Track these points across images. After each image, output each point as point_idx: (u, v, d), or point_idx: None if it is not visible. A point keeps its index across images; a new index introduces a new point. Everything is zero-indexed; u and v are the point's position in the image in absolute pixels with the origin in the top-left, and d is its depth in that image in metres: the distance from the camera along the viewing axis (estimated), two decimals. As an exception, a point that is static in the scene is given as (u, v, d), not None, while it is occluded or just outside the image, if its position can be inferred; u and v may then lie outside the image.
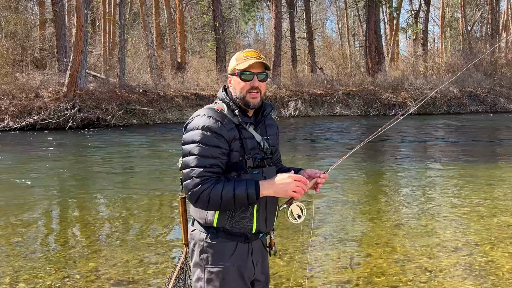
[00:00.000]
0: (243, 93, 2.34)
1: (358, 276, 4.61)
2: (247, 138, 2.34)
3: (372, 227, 6.31)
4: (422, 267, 4.77)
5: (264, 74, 2.37)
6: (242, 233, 2.32)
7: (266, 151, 2.39)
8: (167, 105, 24.75)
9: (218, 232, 2.31)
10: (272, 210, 2.42)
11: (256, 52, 2.40)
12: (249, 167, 2.30)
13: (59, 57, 26.00)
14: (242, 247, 2.34)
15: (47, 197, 8.59)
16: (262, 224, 2.36)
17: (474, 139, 16.82)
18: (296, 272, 4.69)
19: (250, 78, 2.33)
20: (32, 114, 20.77)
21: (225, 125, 2.27)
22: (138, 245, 5.65)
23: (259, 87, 2.35)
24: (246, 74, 2.33)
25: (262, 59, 2.36)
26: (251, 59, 2.33)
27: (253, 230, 2.33)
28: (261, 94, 2.37)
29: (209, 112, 2.30)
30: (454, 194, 8.21)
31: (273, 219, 2.46)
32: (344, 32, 48.56)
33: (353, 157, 12.42)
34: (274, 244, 2.49)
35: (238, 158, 2.30)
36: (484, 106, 29.89)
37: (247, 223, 2.31)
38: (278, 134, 2.60)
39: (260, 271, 2.44)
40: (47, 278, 4.65)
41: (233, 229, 2.30)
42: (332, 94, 29.01)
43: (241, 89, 2.35)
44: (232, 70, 2.39)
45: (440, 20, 43.70)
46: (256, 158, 2.34)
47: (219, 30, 30.21)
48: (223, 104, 2.39)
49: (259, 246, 2.44)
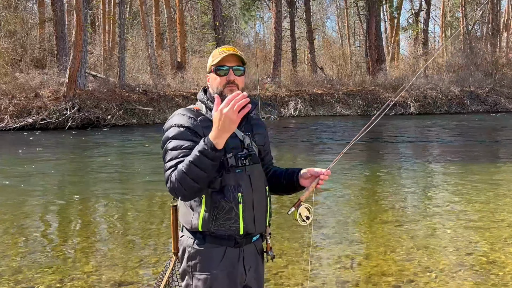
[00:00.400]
0: (220, 88, 2.30)
1: (359, 276, 4.61)
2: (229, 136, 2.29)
3: (372, 227, 6.31)
4: (423, 267, 4.77)
5: (240, 69, 2.32)
6: (229, 236, 2.22)
7: (249, 147, 2.31)
8: (167, 105, 24.74)
9: (205, 237, 2.24)
10: (261, 209, 2.31)
11: (232, 47, 2.35)
12: (231, 165, 2.23)
13: (58, 56, 25.99)
14: (231, 252, 2.25)
15: (46, 197, 8.58)
16: (250, 224, 2.25)
17: (475, 139, 16.81)
18: (297, 273, 4.68)
19: (226, 72, 2.29)
20: (32, 114, 20.76)
21: (200, 122, 2.24)
22: (138, 245, 5.64)
23: (235, 81, 2.30)
24: (221, 69, 2.29)
25: (237, 52, 2.32)
26: (225, 52, 2.30)
27: (240, 231, 2.23)
28: (238, 88, 2.30)
29: (184, 111, 2.29)
30: (455, 194, 8.21)
31: (263, 220, 2.34)
32: (344, 32, 48.56)
33: (354, 157, 12.42)
34: (271, 249, 2.38)
35: None
36: (484, 106, 29.87)
37: (233, 224, 2.21)
38: (266, 134, 2.52)
39: (253, 277, 2.34)
40: (45, 278, 4.64)
41: (219, 232, 2.21)
42: (332, 93, 29.01)
43: (218, 84, 2.30)
44: (209, 68, 2.36)
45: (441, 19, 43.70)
46: (238, 156, 2.26)
47: (219, 29, 30.20)
48: (201, 104, 2.36)
49: (253, 251, 2.34)
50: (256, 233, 2.32)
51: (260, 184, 2.33)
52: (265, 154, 2.52)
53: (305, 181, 2.42)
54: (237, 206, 2.22)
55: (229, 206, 2.21)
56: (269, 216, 2.39)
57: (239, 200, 2.22)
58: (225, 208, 2.20)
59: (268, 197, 2.38)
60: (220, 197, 2.20)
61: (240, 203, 2.22)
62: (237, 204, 2.22)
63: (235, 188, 2.22)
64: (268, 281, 4.49)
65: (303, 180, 2.43)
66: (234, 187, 2.21)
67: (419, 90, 29.05)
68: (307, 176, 2.42)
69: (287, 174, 2.49)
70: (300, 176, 2.44)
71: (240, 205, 2.22)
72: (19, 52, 27.96)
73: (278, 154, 13.50)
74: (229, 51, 2.31)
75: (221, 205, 2.20)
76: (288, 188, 2.50)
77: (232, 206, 2.21)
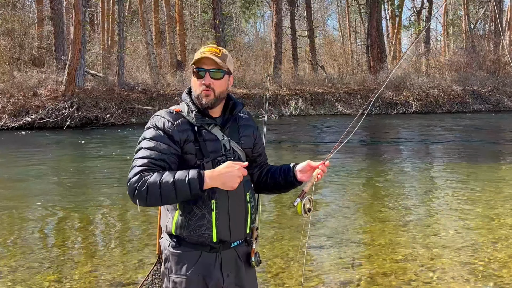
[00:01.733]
0: (198, 91, 2.23)
1: (360, 276, 4.61)
2: (208, 140, 2.22)
3: (374, 227, 6.31)
4: (425, 267, 4.77)
5: (219, 72, 2.22)
6: (201, 243, 2.18)
7: (227, 152, 2.25)
8: (167, 104, 24.66)
9: (180, 241, 2.21)
10: (238, 216, 2.24)
11: (216, 48, 2.25)
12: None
13: (57, 55, 25.99)
14: (207, 257, 2.21)
15: (44, 197, 8.58)
16: (224, 232, 2.19)
17: (477, 139, 16.80)
18: (297, 273, 4.68)
19: (202, 75, 2.22)
20: (30, 113, 20.75)
21: (177, 126, 2.19)
22: (137, 246, 5.64)
23: (211, 85, 2.21)
24: (200, 71, 2.23)
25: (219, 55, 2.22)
26: (204, 54, 2.21)
27: (213, 239, 2.18)
28: (215, 93, 2.22)
29: (163, 113, 2.25)
30: (457, 194, 8.20)
31: (242, 227, 2.27)
32: (345, 30, 48.53)
33: (354, 157, 12.42)
34: (255, 254, 2.32)
35: (195, 162, 2.18)
36: (487, 105, 29.83)
37: (205, 231, 2.16)
38: (256, 135, 2.44)
39: (234, 282, 2.27)
40: (44, 279, 4.64)
41: (191, 238, 2.18)
42: (333, 92, 28.98)
43: (196, 87, 2.25)
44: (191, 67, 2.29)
45: (443, 17, 43.63)
46: (216, 161, 2.19)
47: (219, 28, 30.18)
48: (184, 105, 2.29)
49: (233, 256, 2.28)
50: (233, 240, 2.26)
51: (239, 190, 2.21)
52: (257, 156, 2.47)
53: (304, 175, 2.39)
54: (209, 213, 2.17)
55: (201, 212, 2.16)
56: (250, 223, 2.32)
57: (212, 207, 2.17)
58: (197, 214, 2.16)
59: (248, 204, 2.30)
60: (193, 203, 2.15)
61: (213, 210, 2.17)
62: (210, 212, 2.17)
63: (208, 195, 2.15)
64: (268, 282, 4.49)
65: (301, 175, 2.39)
66: (208, 194, 2.15)
67: (421, 89, 29.02)
68: (306, 169, 2.39)
69: (282, 172, 2.44)
70: (297, 171, 2.40)
71: (213, 212, 2.17)
72: (17, 51, 27.93)
73: (279, 154, 13.51)
74: (209, 52, 2.22)
75: (193, 211, 2.16)
76: (285, 185, 2.45)
77: (204, 213, 2.16)
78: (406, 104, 28.20)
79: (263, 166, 2.52)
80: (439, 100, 28.99)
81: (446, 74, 32.62)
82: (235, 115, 2.35)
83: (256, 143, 2.44)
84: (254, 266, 2.34)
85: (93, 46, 31.50)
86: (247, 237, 2.34)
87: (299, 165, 2.41)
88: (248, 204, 2.29)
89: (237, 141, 2.32)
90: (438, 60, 36.63)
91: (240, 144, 2.33)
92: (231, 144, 2.28)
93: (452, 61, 35.11)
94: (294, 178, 2.41)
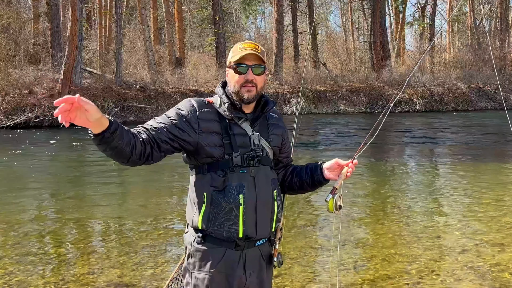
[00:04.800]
0: (237, 87, 2.27)
1: (363, 278, 4.61)
2: (237, 134, 2.26)
3: (377, 228, 6.31)
4: (429, 270, 4.77)
5: (260, 67, 2.29)
6: (228, 238, 2.21)
7: (257, 148, 2.28)
8: (165, 102, 24.71)
9: (205, 236, 2.23)
10: (265, 213, 2.28)
11: (254, 43, 2.32)
12: (236, 165, 2.22)
13: (53, 52, 25.99)
14: (232, 254, 2.24)
15: (40, 197, 8.59)
16: (251, 228, 2.23)
17: (483, 138, 16.80)
18: (300, 275, 4.69)
19: (244, 71, 2.26)
20: (26, 111, 20.75)
21: (200, 114, 2.24)
22: (135, 247, 5.65)
23: (254, 80, 2.26)
24: (241, 66, 2.27)
25: (259, 51, 2.28)
26: (245, 50, 2.26)
27: (239, 234, 2.21)
28: (257, 88, 2.28)
29: (193, 99, 2.31)
30: (462, 195, 8.20)
31: (267, 225, 2.30)
32: (348, 27, 48.47)
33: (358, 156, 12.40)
34: (278, 255, 2.37)
35: (222, 155, 2.22)
36: (493, 103, 29.82)
37: (231, 226, 2.20)
38: (285, 135, 2.50)
39: (255, 282, 2.30)
40: (40, 280, 4.65)
41: (217, 232, 2.21)
42: (335, 90, 28.98)
43: (235, 82, 2.28)
44: (228, 63, 2.34)
45: (448, 14, 43.59)
46: (245, 156, 2.24)
47: (219, 24, 30.19)
48: (217, 97, 2.34)
49: (256, 255, 2.31)
50: (258, 237, 2.29)
51: (267, 187, 2.29)
52: (284, 156, 2.52)
53: (331, 173, 2.46)
54: (237, 208, 2.20)
55: (229, 207, 2.19)
56: (276, 221, 2.35)
57: (240, 202, 2.20)
58: (224, 208, 2.19)
59: (275, 201, 2.34)
60: (221, 196, 2.19)
61: (241, 205, 2.20)
62: (238, 206, 2.20)
63: (237, 189, 2.20)
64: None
65: (328, 173, 2.46)
66: (236, 188, 2.20)
67: (425, 87, 29.02)
68: (334, 167, 2.45)
69: (308, 170, 2.50)
70: (324, 169, 2.46)
71: (241, 207, 2.20)
72: (13, 48, 27.91)
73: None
74: (250, 48, 2.27)
75: (221, 205, 2.20)
76: (312, 184, 2.51)
77: (232, 207, 2.19)
78: (410, 102, 28.20)
79: (287, 166, 2.57)
80: (443, 98, 29.00)
81: (451, 71, 32.61)
82: (266, 112, 2.39)
83: (284, 143, 2.50)
84: (276, 266, 2.38)
85: (90, 43, 31.49)
86: (270, 236, 2.37)
87: (327, 163, 2.48)
88: (275, 202, 2.34)
89: (266, 138, 2.36)
90: (442, 57, 36.59)
91: (269, 141, 2.37)
92: (260, 141, 2.32)
93: (457, 58, 35.10)
94: (322, 176, 2.47)
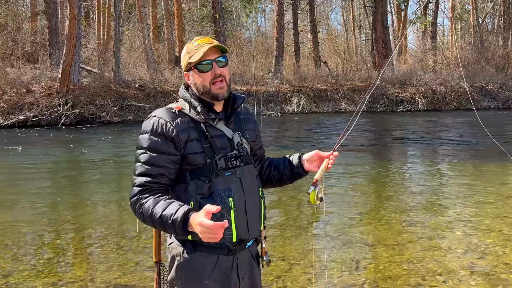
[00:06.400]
0: (206, 86, 2.18)
1: (365, 279, 4.60)
2: (215, 136, 2.19)
3: (379, 228, 6.30)
4: (431, 270, 4.76)
5: (223, 59, 2.20)
6: (222, 244, 2.13)
7: (239, 147, 2.23)
8: (165, 101, 24.69)
9: (196, 246, 2.16)
10: (254, 213, 2.24)
11: (206, 37, 2.24)
12: (221, 168, 2.15)
13: (51, 50, 25.98)
14: (225, 261, 2.18)
15: (38, 197, 8.58)
16: (243, 231, 2.19)
17: (485, 137, 16.78)
18: (300, 277, 4.68)
19: (209, 68, 2.17)
20: (23, 110, 20.75)
21: (176, 126, 2.13)
22: (134, 247, 5.64)
23: (222, 74, 2.18)
24: (203, 64, 2.17)
25: (215, 42, 2.20)
26: (204, 46, 2.16)
27: (233, 238, 2.16)
28: (226, 81, 2.19)
29: (161, 113, 2.18)
30: (465, 194, 8.20)
31: (257, 225, 2.27)
32: (349, 25, 48.46)
33: (359, 156, 12.41)
34: (266, 254, 2.34)
35: (204, 160, 2.14)
36: (496, 102, 29.78)
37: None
38: (257, 129, 2.45)
39: (248, 284, 2.28)
40: (38, 282, 4.64)
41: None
42: (337, 89, 28.96)
43: (202, 82, 2.18)
44: (186, 66, 2.23)
45: (450, 12, 43.55)
46: (228, 157, 2.19)
47: (219, 22, 30.17)
48: (184, 102, 2.24)
49: (247, 257, 2.28)
50: (250, 238, 2.26)
51: (253, 186, 2.26)
52: (257, 149, 2.47)
53: (311, 165, 2.42)
54: (228, 212, 2.14)
55: (220, 213, 2.07)
56: (263, 219, 2.32)
57: (231, 206, 2.15)
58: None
59: (262, 199, 2.31)
60: (210, 203, 2.05)
61: (232, 208, 2.15)
62: (229, 210, 2.14)
63: (225, 193, 2.14)
64: (270, 285, 4.49)
65: (308, 164, 2.41)
66: (224, 192, 2.14)
67: (427, 86, 28.99)
68: (314, 159, 2.41)
69: (287, 163, 2.46)
70: (304, 160, 2.42)
71: (232, 210, 2.15)
72: (10, 46, 27.93)
73: (280, 154, 13.49)
74: (207, 43, 2.19)
75: None
76: (292, 176, 2.46)
77: (223, 213, 2.11)
78: (412, 101, 28.18)
79: (263, 160, 2.53)
80: (446, 97, 28.97)
81: (454, 70, 32.58)
82: (237, 109, 2.30)
83: (257, 135, 2.45)
84: (265, 265, 2.36)
85: (89, 41, 31.48)
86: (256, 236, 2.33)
87: (306, 154, 2.43)
88: (261, 200, 2.31)
89: (242, 135, 2.31)
90: (445, 56, 36.57)
91: (246, 138, 2.33)
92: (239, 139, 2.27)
93: (459, 57, 35.06)
94: (302, 168, 2.42)
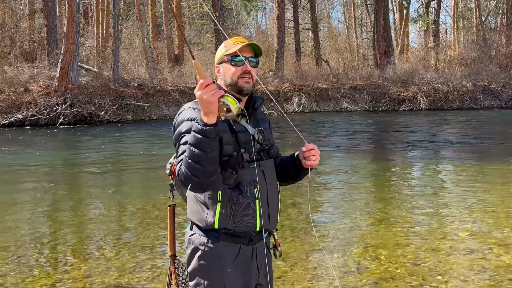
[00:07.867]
0: (234, 78, 2.33)
1: (366, 280, 4.61)
2: (240, 131, 2.33)
3: (380, 228, 6.30)
4: (433, 271, 4.77)
5: (254, 60, 2.38)
6: (245, 233, 2.30)
7: (262, 142, 2.38)
8: (164, 100, 24.74)
9: (220, 235, 2.30)
10: (274, 206, 2.41)
11: (245, 39, 2.41)
12: (246, 161, 2.29)
13: (49, 49, 26.01)
14: (246, 250, 2.34)
15: (36, 197, 8.59)
16: (266, 220, 2.35)
17: (488, 137, 16.78)
18: (301, 277, 4.69)
19: (242, 63, 2.33)
20: (21, 109, 20.79)
21: None
22: (133, 248, 5.65)
23: (251, 72, 2.34)
24: (236, 60, 2.33)
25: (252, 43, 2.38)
26: (241, 43, 2.34)
27: (257, 227, 2.31)
28: (253, 80, 2.35)
29: (194, 105, 2.32)
30: (467, 195, 8.19)
31: (276, 216, 2.44)
32: (351, 23, 48.49)
33: (361, 156, 12.41)
34: (279, 245, 2.47)
35: (232, 153, 2.28)
36: (499, 101, 29.78)
37: (250, 221, 2.29)
38: (271, 128, 2.60)
39: (263, 274, 2.41)
40: (36, 282, 4.65)
41: (236, 229, 2.28)
42: (338, 88, 28.97)
43: (232, 74, 2.34)
44: (220, 58, 2.39)
45: (453, 10, 43.57)
46: (251, 151, 2.32)
47: (219, 20, 30.17)
48: None
49: (263, 247, 2.42)
50: (271, 228, 2.41)
51: (273, 179, 2.43)
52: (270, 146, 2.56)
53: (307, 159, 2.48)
54: (254, 202, 2.30)
55: (246, 202, 2.28)
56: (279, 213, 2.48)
57: (256, 196, 2.30)
58: (243, 204, 2.28)
59: (279, 192, 2.48)
60: (237, 193, 2.27)
61: (257, 198, 2.31)
62: (255, 200, 2.30)
63: (251, 184, 2.30)
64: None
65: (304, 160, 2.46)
66: (249, 183, 2.29)
67: (430, 85, 28.99)
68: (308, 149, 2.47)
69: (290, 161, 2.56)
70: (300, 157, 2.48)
71: (257, 200, 2.31)
72: (8, 45, 27.96)
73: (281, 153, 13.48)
74: (244, 41, 2.36)
75: (239, 201, 2.28)
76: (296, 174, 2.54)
77: (249, 202, 2.29)
78: (414, 101, 28.19)
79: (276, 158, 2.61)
80: (448, 96, 28.97)
81: (456, 69, 32.58)
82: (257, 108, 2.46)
83: (271, 134, 2.59)
84: (278, 256, 2.46)
85: (87, 40, 31.53)
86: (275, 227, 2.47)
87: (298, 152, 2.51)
88: (279, 193, 2.49)
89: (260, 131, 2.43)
90: (447, 54, 36.57)
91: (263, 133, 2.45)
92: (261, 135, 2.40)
93: (462, 56, 35.07)
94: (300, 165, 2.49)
